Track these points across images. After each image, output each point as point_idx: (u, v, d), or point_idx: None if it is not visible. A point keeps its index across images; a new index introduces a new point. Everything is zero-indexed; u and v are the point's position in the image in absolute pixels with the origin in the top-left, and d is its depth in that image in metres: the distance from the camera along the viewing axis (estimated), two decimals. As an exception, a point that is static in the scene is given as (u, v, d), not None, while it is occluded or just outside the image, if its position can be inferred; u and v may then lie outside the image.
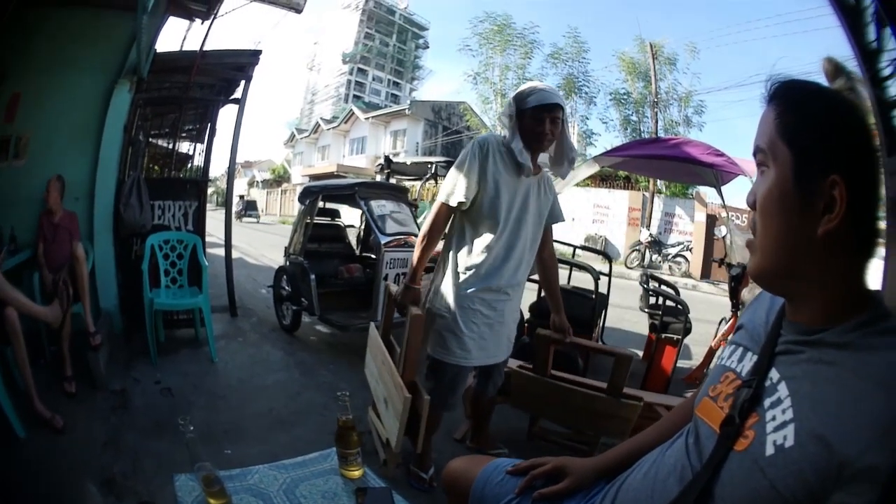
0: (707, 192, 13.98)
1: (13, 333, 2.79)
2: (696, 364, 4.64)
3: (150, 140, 5.42)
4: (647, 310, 4.80)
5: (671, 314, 4.34)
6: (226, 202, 6.38)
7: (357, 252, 6.55)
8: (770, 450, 0.78)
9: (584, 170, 6.51)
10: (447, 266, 2.45)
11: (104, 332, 3.79)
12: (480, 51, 22.64)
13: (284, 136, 46.20)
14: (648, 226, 16.26)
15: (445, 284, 2.42)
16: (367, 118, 32.67)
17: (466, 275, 2.37)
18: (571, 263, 4.90)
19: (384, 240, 4.66)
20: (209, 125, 5.47)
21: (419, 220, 5.36)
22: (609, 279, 4.68)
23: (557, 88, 2.46)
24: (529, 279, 2.69)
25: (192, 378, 3.84)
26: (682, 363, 4.55)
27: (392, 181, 8.45)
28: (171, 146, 5.42)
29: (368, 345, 2.97)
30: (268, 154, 63.91)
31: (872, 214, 0.80)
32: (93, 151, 4.39)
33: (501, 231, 2.33)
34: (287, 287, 5.32)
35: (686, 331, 4.01)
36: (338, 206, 6.69)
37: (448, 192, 2.34)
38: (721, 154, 4.83)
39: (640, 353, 4.89)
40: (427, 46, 63.74)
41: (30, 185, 3.98)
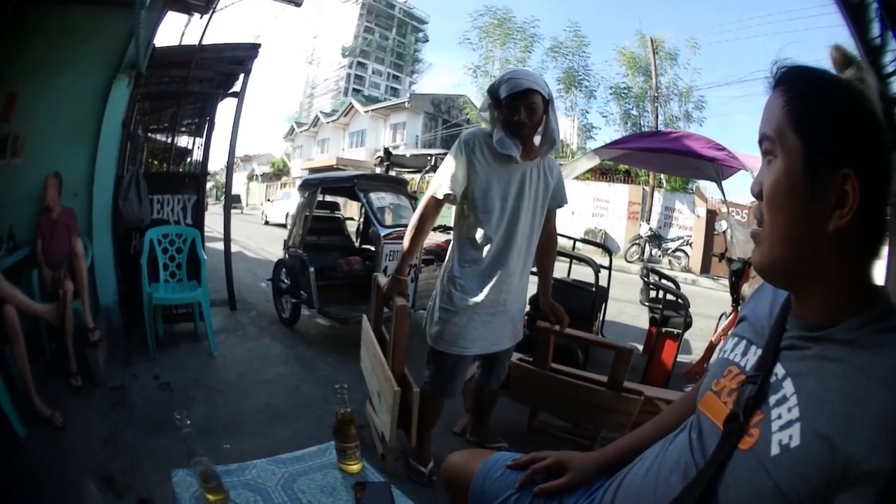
0: (707, 187, 13.91)
1: (12, 331, 2.79)
2: (697, 359, 4.63)
3: (149, 135, 5.41)
4: (648, 303, 4.80)
5: (672, 308, 4.33)
6: (225, 196, 6.37)
7: (356, 245, 6.55)
8: (775, 450, 0.76)
9: (585, 162, 6.50)
10: (451, 260, 2.46)
11: (103, 328, 3.78)
12: (480, 44, 22.65)
13: (284, 130, 46.11)
14: (648, 220, 16.22)
15: (448, 277, 2.43)
16: (367, 111, 32.58)
17: (468, 266, 2.38)
18: (572, 256, 4.89)
19: (384, 232, 4.66)
20: (208, 119, 5.45)
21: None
22: (609, 273, 4.67)
23: (533, 71, 2.41)
24: (532, 272, 2.67)
25: (192, 372, 3.84)
26: (682, 358, 4.55)
27: (391, 173, 8.46)
28: (170, 140, 5.41)
29: (362, 338, 2.97)
30: (267, 148, 64.06)
31: (883, 210, 0.77)
32: (91, 147, 4.37)
33: (499, 221, 2.33)
34: (286, 280, 5.32)
35: (686, 325, 4.00)
36: (336, 199, 6.69)
37: (437, 186, 2.34)
38: (722, 148, 4.81)
39: (640, 347, 4.88)
40: (427, 40, 63.68)
41: (27, 183, 3.97)
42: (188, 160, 5.69)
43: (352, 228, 6.89)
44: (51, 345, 3.61)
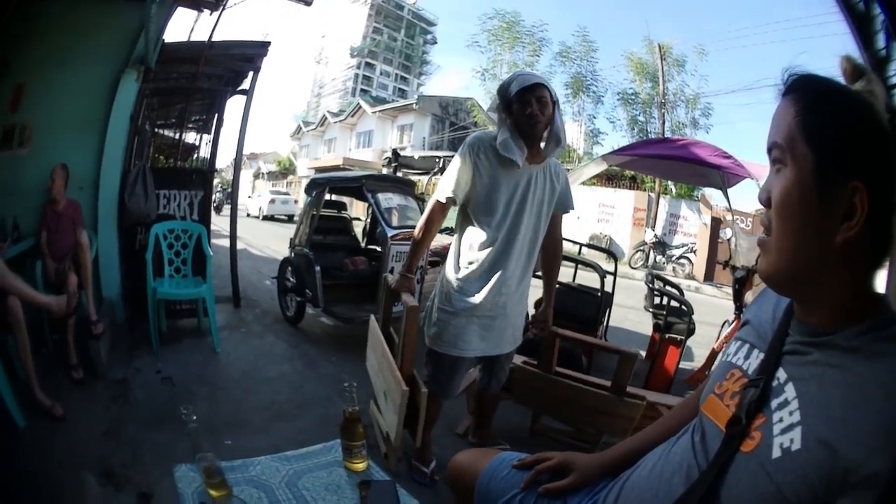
0: (713, 195, 13.91)
1: (15, 322, 2.79)
2: (699, 366, 4.62)
3: (157, 130, 5.42)
4: (652, 309, 4.80)
5: (675, 314, 4.33)
6: (232, 193, 6.34)
7: (362, 245, 6.55)
8: (777, 452, 0.77)
9: (592, 168, 6.49)
10: (451, 260, 2.47)
11: (106, 321, 3.78)
12: (489, 47, 22.55)
13: (291, 129, 46.19)
14: (653, 226, 16.21)
15: (448, 278, 2.44)
16: (375, 112, 32.62)
17: (469, 268, 2.38)
18: (578, 261, 4.89)
19: (391, 233, 4.66)
20: (217, 116, 5.46)
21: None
22: (614, 278, 4.67)
23: (541, 75, 2.43)
24: (535, 275, 2.67)
25: (195, 368, 3.85)
26: (685, 364, 4.54)
27: (399, 175, 8.47)
28: (178, 136, 5.42)
29: (369, 337, 2.97)
30: (273, 146, 64.10)
31: (889, 221, 0.78)
32: (98, 141, 4.37)
33: (500, 224, 2.33)
34: (292, 278, 5.32)
35: (690, 331, 4.01)
36: (342, 199, 6.70)
37: (441, 190, 2.37)
38: (728, 156, 4.80)
39: (643, 353, 4.87)
40: (435, 42, 63.73)
41: (34, 174, 3.97)
42: (195, 156, 5.70)
43: (358, 229, 6.89)
44: (53, 336, 3.61)
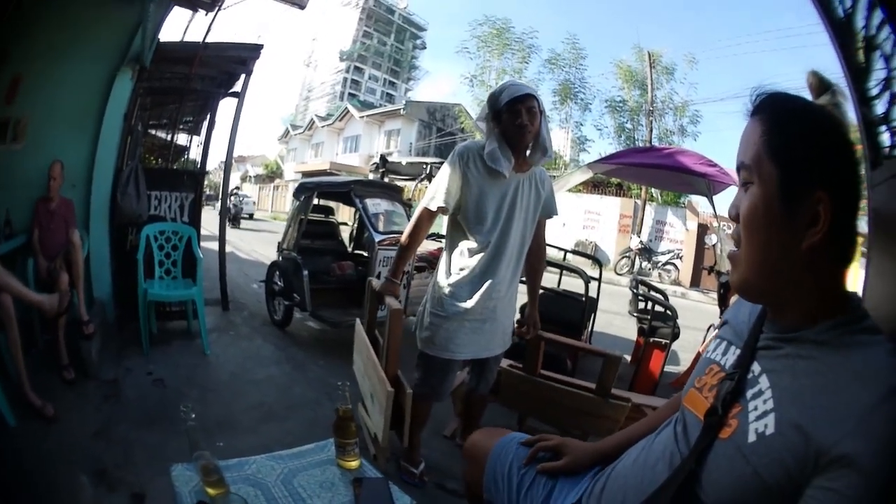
0: (699, 202, 14.07)
1: (7, 320, 2.77)
2: (685, 370, 4.68)
3: (149, 130, 5.41)
4: (637, 314, 4.86)
5: (660, 319, 4.39)
6: (221, 196, 6.34)
7: (349, 250, 6.58)
8: (752, 437, 0.83)
9: (578, 176, 6.56)
10: (442, 266, 2.51)
11: (97, 321, 3.78)
12: (478, 54, 22.59)
13: (278, 132, 46.09)
14: (639, 233, 16.31)
15: (440, 283, 2.47)
16: (362, 117, 32.63)
17: (461, 274, 2.42)
18: (562, 266, 4.94)
19: (378, 238, 4.69)
20: (209, 118, 5.47)
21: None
22: (599, 284, 4.73)
23: (535, 87, 2.48)
24: (521, 281, 2.73)
25: (185, 370, 3.85)
26: (670, 368, 4.60)
27: (386, 180, 8.49)
28: (170, 137, 5.43)
29: (355, 341, 3.00)
30: (261, 149, 63.62)
31: (852, 226, 0.84)
32: (92, 139, 4.35)
33: (490, 231, 2.38)
34: (279, 282, 5.35)
35: (674, 335, 4.06)
36: (329, 204, 6.72)
37: (430, 198, 2.41)
38: (714, 164, 4.88)
39: (628, 358, 4.93)
40: (425, 47, 63.66)
41: (27, 170, 3.93)
42: (185, 157, 5.71)
43: (344, 234, 6.91)
44: (44, 336, 3.60)
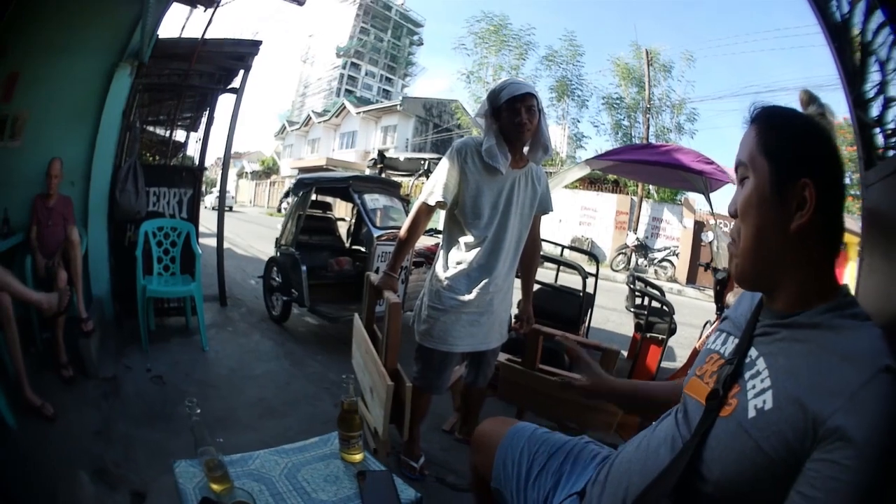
0: (696, 199, 14.07)
1: (6, 319, 2.76)
2: (681, 365, 4.71)
3: (147, 126, 5.40)
4: (633, 310, 4.88)
5: (656, 315, 4.41)
6: (219, 192, 6.31)
7: (347, 245, 6.60)
8: (752, 413, 0.89)
9: (575, 172, 6.56)
10: (440, 261, 2.54)
11: (96, 319, 3.78)
12: (475, 50, 22.53)
13: (275, 128, 46.06)
14: (635, 229, 16.34)
15: (437, 277, 2.51)
16: (359, 113, 32.57)
17: (458, 268, 2.45)
18: (560, 262, 4.96)
19: (377, 233, 4.72)
20: (207, 114, 5.47)
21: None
22: (595, 280, 4.75)
23: (533, 84, 2.49)
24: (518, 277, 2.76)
25: (184, 366, 3.86)
26: (667, 364, 4.63)
27: (384, 176, 8.50)
28: (168, 133, 5.41)
29: (353, 335, 3.02)
30: (257, 145, 63.70)
31: (838, 212, 0.94)
32: (90, 135, 4.33)
33: (487, 226, 2.41)
34: (277, 278, 5.37)
35: (671, 331, 4.08)
36: (327, 199, 6.74)
37: (428, 193, 2.44)
38: (711, 162, 4.90)
39: (625, 353, 4.95)
40: (421, 43, 63.47)
41: (24, 167, 3.92)
42: (183, 154, 5.70)
43: (342, 229, 6.92)
44: (42, 334, 3.59)
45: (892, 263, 1.37)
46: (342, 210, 8.38)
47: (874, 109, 1.57)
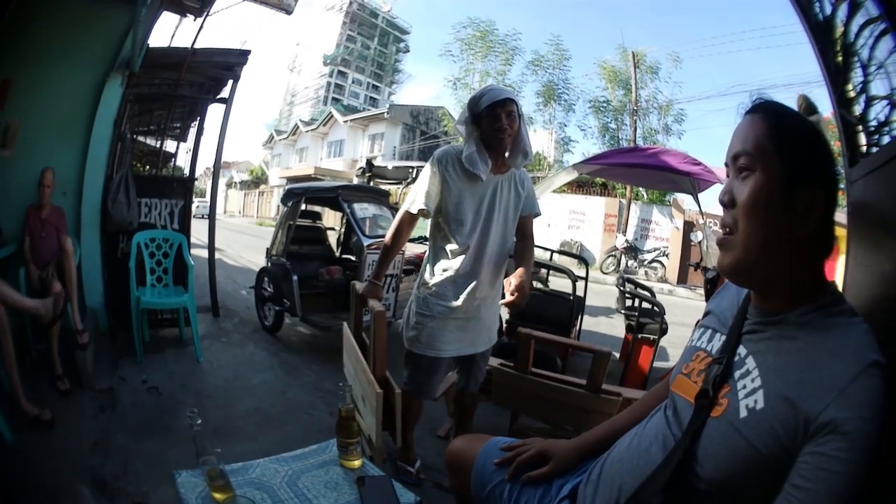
0: (684, 199, 14.19)
1: (1, 330, 2.74)
2: (674, 365, 4.73)
3: (137, 137, 5.38)
4: (624, 311, 4.91)
5: (647, 315, 4.44)
6: (210, 202, 6.26)
7: (337, 254, 6.60)
8: (743, 413, 0.91)
9: (563, 177, 6.62)
10: (427, 269, 2.57)
11: (90, 330, 3.77)
12: (462, 56, 22.67)
13: (263, 137, 45.90)
14: (625, 231, 16.41)
15: (424, 284, 2.53)
16: (346, 121, 32.63)
17: (444, 275, 2.47)
18: (549, 266, 5.00)
19: (367, 242, 4.74)
20: (197, 124, 5.48)
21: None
22: (585, 283, 4.79)
23: (518, 89, 2.51)
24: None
25: (179, 377, 3.86)
26: (660, 363, 4.65)
27: (372, 184, 8.52)
28: (158, 144, 5.41)
29: (343, 344, 3.03)
30: (246, 155, 63.25)
31: (833, 221, 0.95)
32: (82, 145, 4.33)
33: (471, 232, 2.43)
34: (269, 288, 5.36)
35: (662, 331, 4.12)
36: (315, 209, 6.75)
37: (411, 201, 2.47)
38: (698, 163, 4.96)
39: (618, 355, 4.98)
40: (408, 50, 63.46)
41: (17, 177, 3.90)
42: (173, 164, 5.69)
43: (331, 238, 6.93)
44: (37, 345, 3.57)
45: (876, 256, 1.41)
46: (332, 219, 8.39)
47: (857, 108, 1.61)
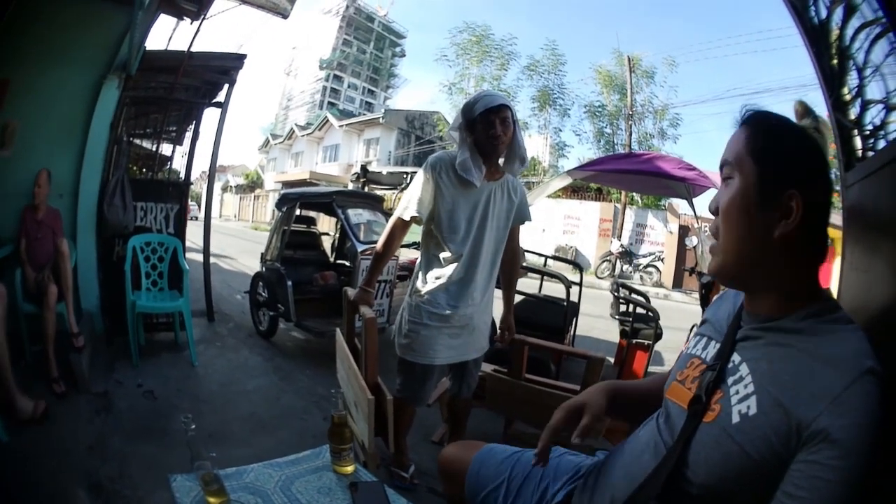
0: (680, 203, 14.23)
1: None
2: (669, 370, 4.74)
3: (133, 140, 5.38)
4: (618, 317, 4.92)
5: (642, 321, 4.45)
6: (206, 207, 6.28)
7: (331, 260, 6.61)
8: (736, 418, 0.91)
9: (557, 182, 6.62)
10: (419, 276, 2.56)
11: (86, 333, 3.77)
12: (457, 61, 22.78)
13: (259, 141, 45.90)
14: (619, 236, 16.46)
15: (417, 292, 2.53)
16: (342, 126, 32.62)
17: (437, 282, 2.47)
18: (543, 272, 5.01)
19: (361, 247, 4.73)
20: (193, 127, 5.47)
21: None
22: (580, 288, 4.80)
23: (513, 95, 2.53)
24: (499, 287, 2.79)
25: (174, 382, 3.86)
26: (656, 368, 4.67)
27: (366, 190, 8.52)
28: (154, 147, 5.41)
29: (336, 350, 3.04)
30: (241, 159, 63.23)
31: (822, 226, 0.95)
32: (79, 148, 4.32)
33: (464, 240, 2.43)
34: (264, 293, 5.36)
35: (657, 336, 4.13)
36: (310, 214, 6.75)
37: (403, 208, 2.46)
38: (693, 168, 4.98)
39: (612, 361, 4.99)
40: (404, 55, 63.42)
41: (14, 178, 3.87)
42: (169, 168, 5.69)
43: (326, 244, 6.93)
44: (32, 348, 3.58)
45: (871, 260, 1.42)
46: (326, 225, 8.38)
47: (853, 112, 1.62)
